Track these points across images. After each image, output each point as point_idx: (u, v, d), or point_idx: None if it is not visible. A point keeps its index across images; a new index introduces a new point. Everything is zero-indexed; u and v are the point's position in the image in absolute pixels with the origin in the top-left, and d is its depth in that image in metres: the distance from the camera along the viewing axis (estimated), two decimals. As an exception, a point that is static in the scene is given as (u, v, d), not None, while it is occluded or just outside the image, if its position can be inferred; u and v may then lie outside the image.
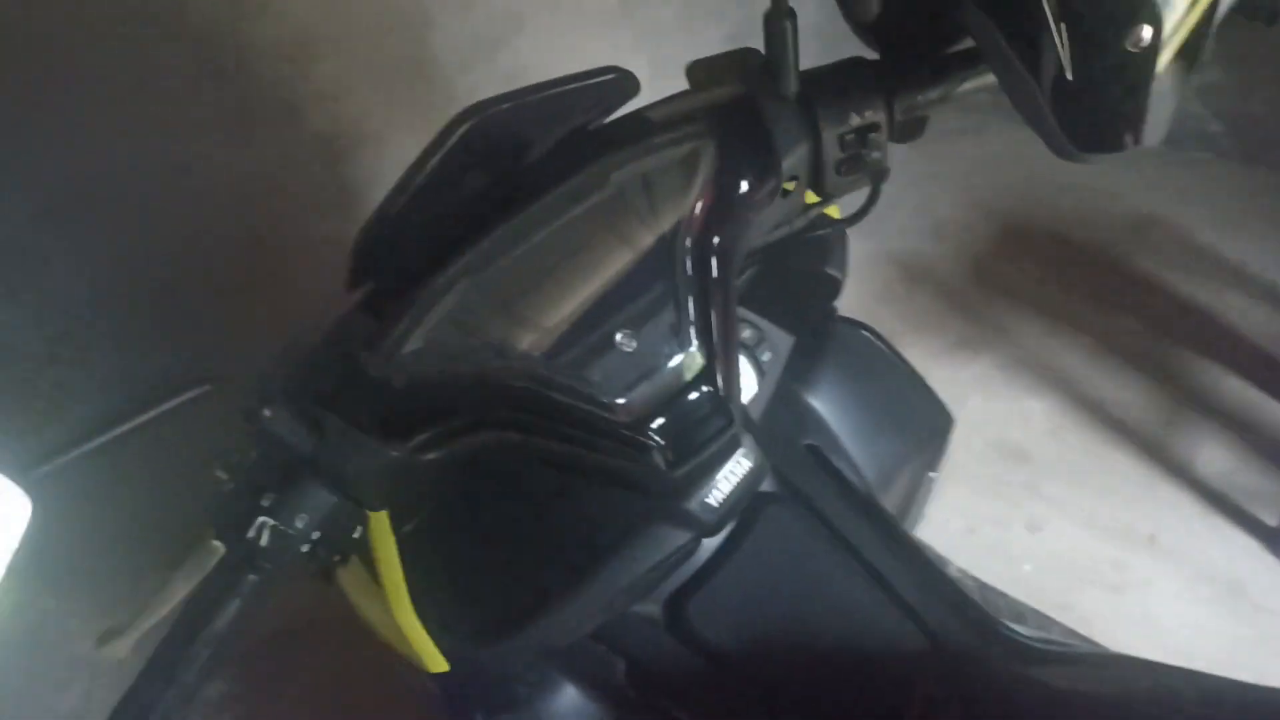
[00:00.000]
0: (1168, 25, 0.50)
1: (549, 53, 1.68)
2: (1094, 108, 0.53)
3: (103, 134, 1.15)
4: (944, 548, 1.72)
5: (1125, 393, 1.94)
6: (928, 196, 2.41)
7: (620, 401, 0.60)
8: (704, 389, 0.62)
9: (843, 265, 0.85)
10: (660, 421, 0.61)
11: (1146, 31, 0.49)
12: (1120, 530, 1.73)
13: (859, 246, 0.72)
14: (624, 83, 0.61)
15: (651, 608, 0.77)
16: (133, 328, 1.30)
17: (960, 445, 1.10)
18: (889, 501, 0.96)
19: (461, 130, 0.55)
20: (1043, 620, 1.27)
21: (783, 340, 0.81)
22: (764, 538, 0.78)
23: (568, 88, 0.59)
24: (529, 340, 0.59)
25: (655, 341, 0.61)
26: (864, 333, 0.97)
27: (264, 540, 0.54)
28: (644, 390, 0.61)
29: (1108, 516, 1.75)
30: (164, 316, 1.33)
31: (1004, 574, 1.68)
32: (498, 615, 0.71)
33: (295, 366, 0.60)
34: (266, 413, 0.53)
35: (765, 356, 0.80)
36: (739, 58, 0.66)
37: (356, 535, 0.60)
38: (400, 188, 0.57)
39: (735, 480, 0.67)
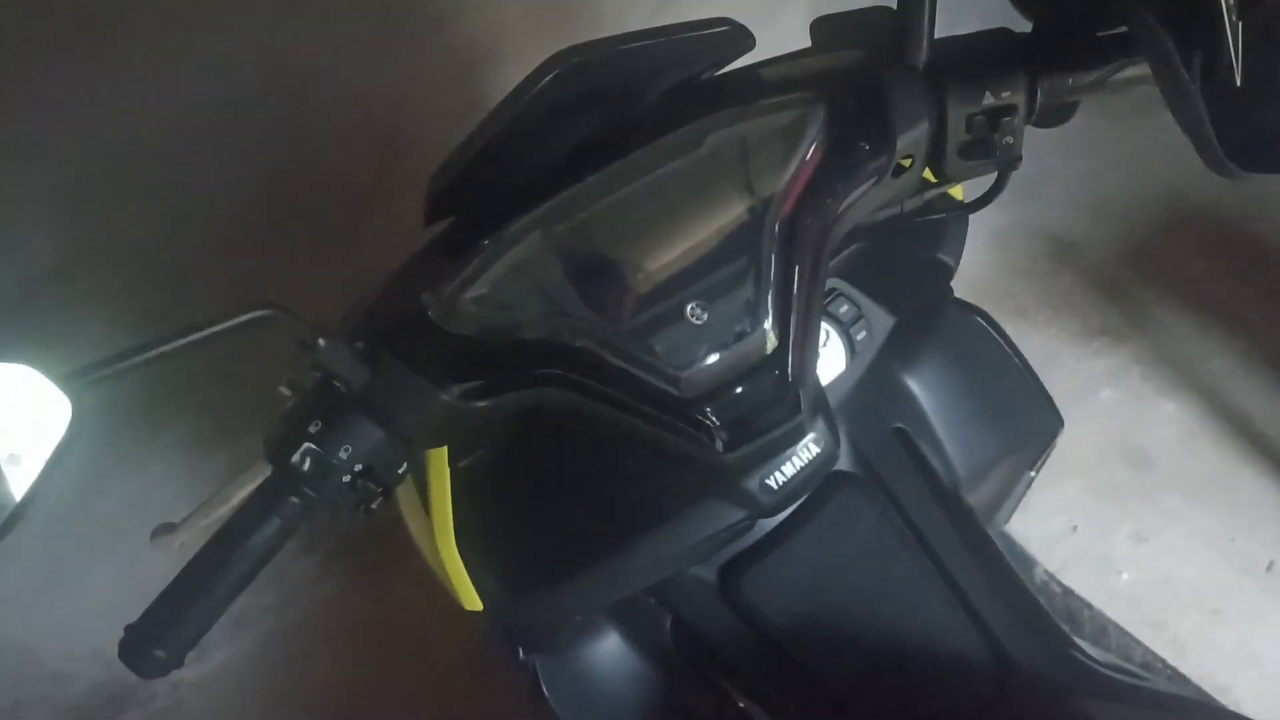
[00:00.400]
0: None
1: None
2: (1263, 120, 0.47)
3: (245, 40, 1.19)
4: (1040, 543, 1.65)
5: (1271, 408, 1.78)
6: (1093, 170, 2.23)
7: (683, 375, 0.58)
8: (774, 373, 0.60)
9: (958, 251, 0.81)
10: (722, 401, 0.59)
11: None
12: (1237, 554, 1.61)
13: (1002, 214, 0.66)
14: (735, 36, 0.58)
15: (707, 571, 0.76)
16: (268, 234, 1.37)
17: (1080, 438, 1.04)
18: (979, 497, 0.92)
19: (556, 71, 0.53)
20: (1126, 640, 1.21)
21: (882, 320, 0.77)
22: (834, 518, 0.76)
23: (675, 37, 0.56)
24: (597, 300, 0.57)
25: (729, 317, 0.58)
26: (978, 319, 0.91)
27: (306, 466, 0.55)
28: (709, 367, 0.59)
29: (1225, 538, 1.63)
30: (290, 225, 1.39)
31: (1099, 581, 1.61)
32: (539, 565, 0.71)
33: (365, 300, 0.61)
34: (321, 343, 0.53)
35: (860, 335, 0.76)
36: (869, 18, 0.61)
37: (401, 471, 0.60)
38: (487, 124, 0.55)
39: (800, 464, 0.65)
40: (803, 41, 0.65)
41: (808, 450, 0.65)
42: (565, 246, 0.57)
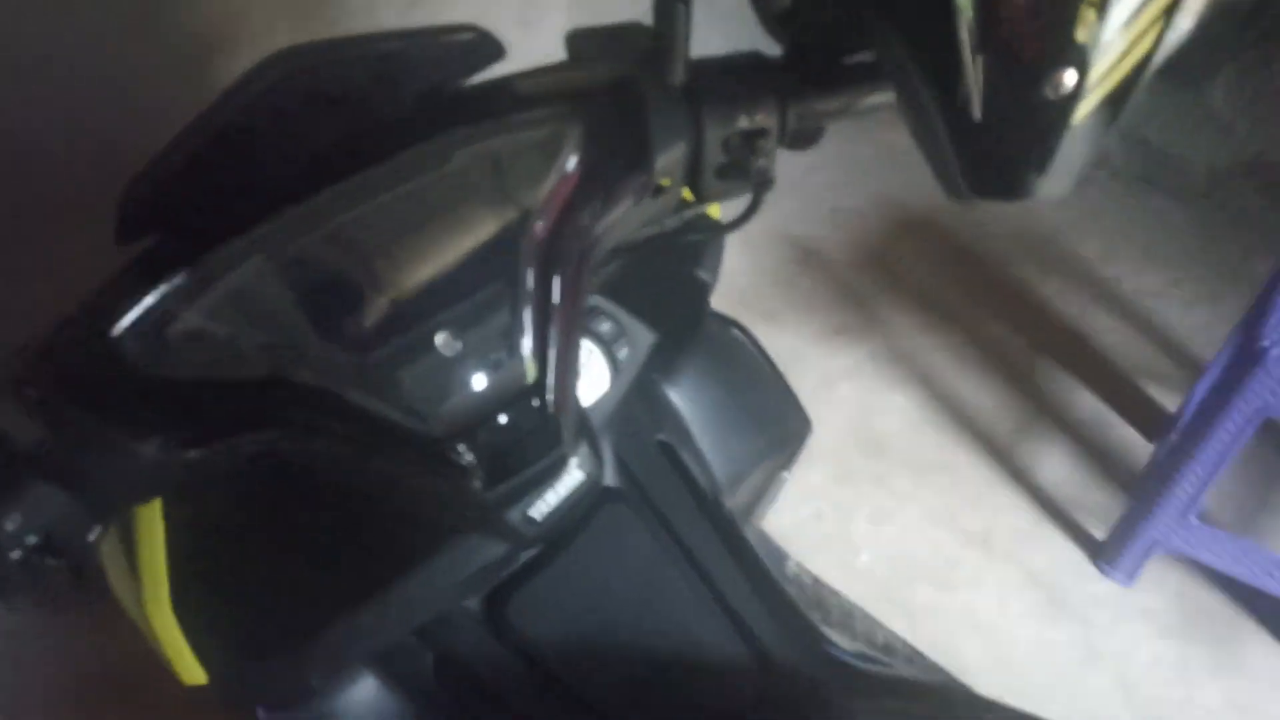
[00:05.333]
0: (1094, 73, 0.45)
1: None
2: (996, 151, 0.48)
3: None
4: (789, 531, 1.74)
5: (982, 395, 1.99)
6: (831, 182, 2.41)
7: (433, 411, 0.53)
8: (533, 402, 0.56)
9: (715, 268, 0.81)
10: (478, 436, 0.55)
11: (1070, 77, 0.45)
12: (958, 529, 1.78)
13: (753, 224, 0.67)
14: (483, 44, 0.54)
15: (470, 601, 0.72)
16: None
17: (822, 430, 1.09)
18: (738, 500, 0.94)
19: (272, 75, 0.48)
20: (870, 624, 1.29)
21: (643, 337, 0.76)
22: (599, 535, 0.74)
23: (415, 41, 0.52)
24: (332, 332, 0.50)
25: (483, 346, 0.54)
26: (734, 331, 0.93)
27: None
28: (463, 402, 0.54)
29: (947, 515, 1.80)
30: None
31: (841, 562, 1.73)
32: (277, 623, 0.63)
33: (39, 339, 0.51)
34: None
35: (623, 353, 0.74)
36: (626, 33, 0.59)
37: (91, 539, 0.50)
38: (193, 130, 0.48)
39: (565, 492, 0.62)
40: (558, 54, 0.64)
41: (571, 477, 0.62)
42: (294, 270, 0.49)
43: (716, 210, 0.76)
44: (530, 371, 0.56)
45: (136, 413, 0.49)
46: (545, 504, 0.63)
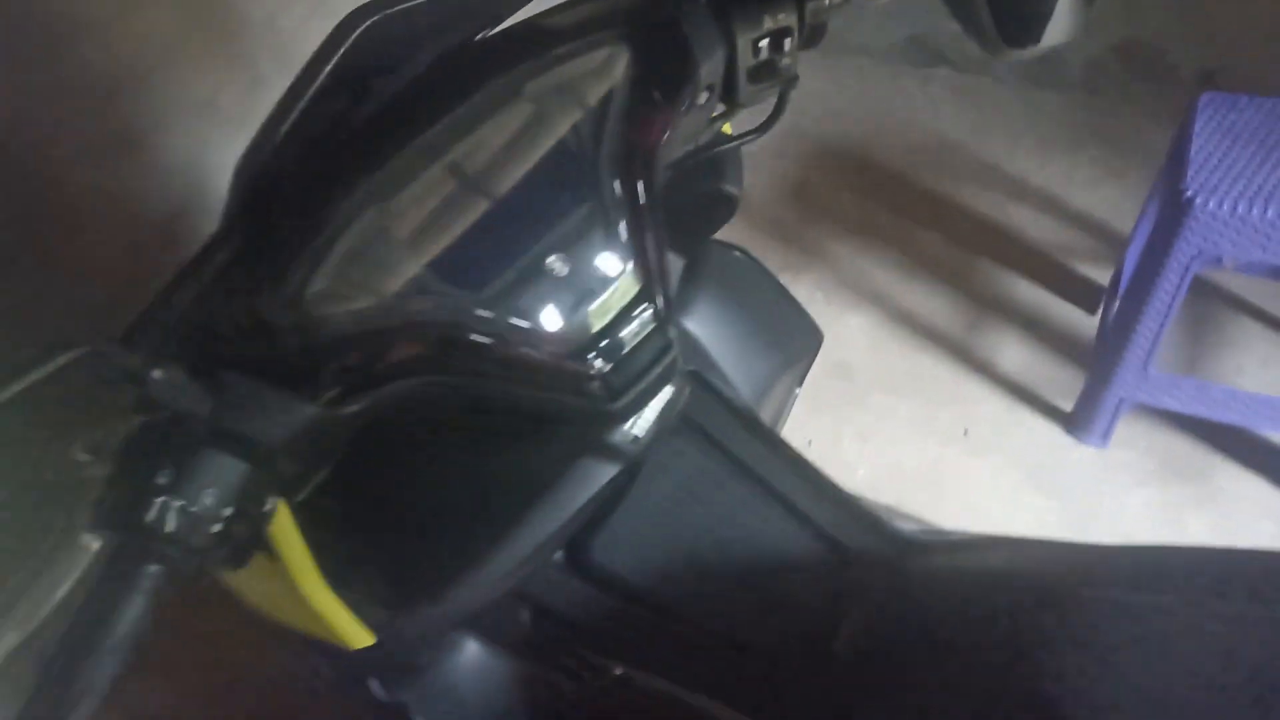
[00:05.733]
0: None
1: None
2: (1021, 8, 0.56)
3: None
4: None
5: (932, 302, 2.08)
6: (736, 127, 2.46)
7: (557, 331, 0.56)
8: (644, 311, 0.59)
9: (739, 180, 0.84)
10: (599, 349, 0.58)
11: None
12: (938, 431, 1.87)
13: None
14: None
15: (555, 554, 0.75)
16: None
17: None
18: (763, 417, 0.98)
19: (355, 35, 0.50)
20: (901, 517, 1.35)
21: (673, 264, 0.79)
22: (660, 465, 0.77)
23: None
24: (451, 273, 0.54)
25: (589, 263, 0.57)
26: (736, 254, 0.96)
27: (169, 524, 0.46)
28: (582, 316, 0.57)
29: (926, 419, 1.88)
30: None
31: (843, 482, 1.79)
32: (420, 579, 0.66)
33: (176, 320, 0.53)
34: (156, 374, 0.46)
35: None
36: None
37: (267, 509, 0.53)
38: (284, 107, 0.50)
39: (659, 408, 0.65)
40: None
41: (661, 394, 0.65)
42: (400, 223, 0.53)
43: (729, 127, 0.79)
44: (635, 281, 0.59)
45: (295, 374, 0.51)
46: (645, 420, 0.66)
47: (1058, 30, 0.58)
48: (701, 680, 0.81)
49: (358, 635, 0.65)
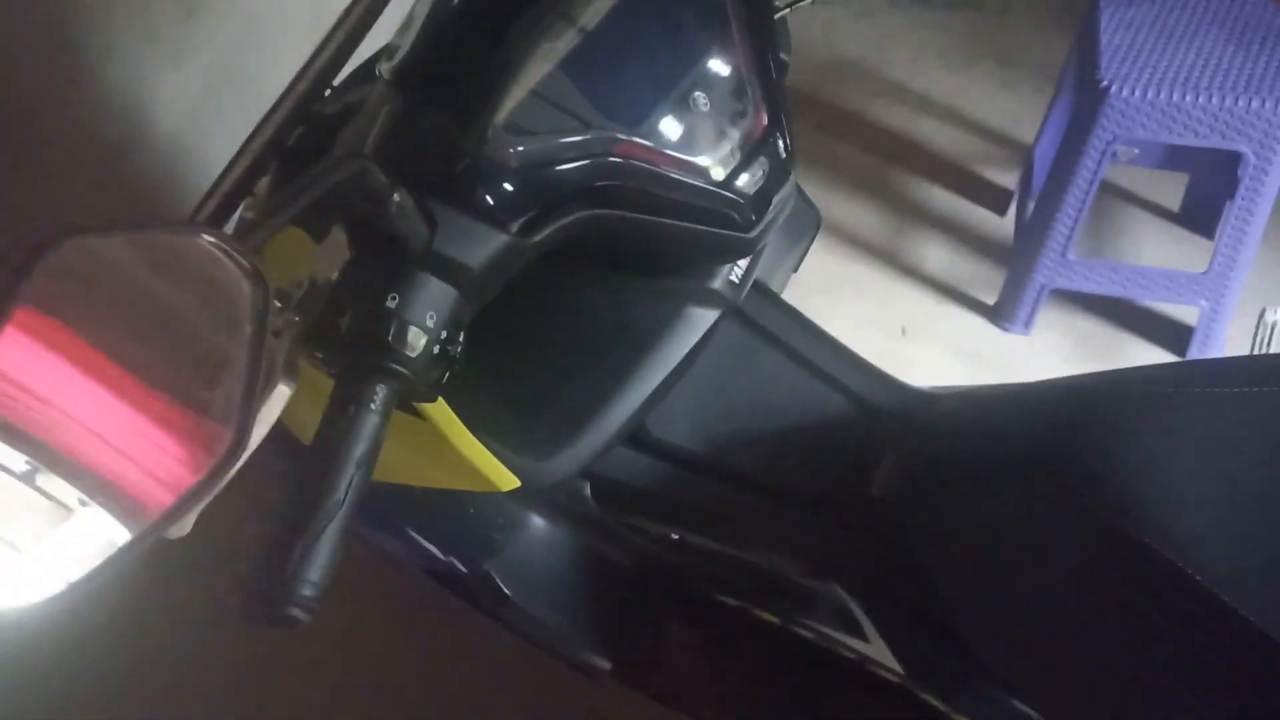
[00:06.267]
0: None
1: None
2: None
3: None
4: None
5: (857, 213, 2.18)
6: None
7: (704, 160, 0.61)
8: (773, 145, 0.65)
9: (789, 47, 0.88)
10: (740, 180, 0.63)
11: None
12: (878, 329, 1.97)
13: None
14: None
15: None
16: None
17: None
18: None
19: None
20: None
21: None
22: (703, 343, 0.81)
23: None
24: (612, 106, 0.59)
25: (726, 100, 0.62)
26: None
27: (408, 343, 0.50)
28: (725, 147, 0.62)
29: (867, 319, 1.99)
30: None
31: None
32: (553, 423, 0.71)
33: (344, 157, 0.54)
34: (396, 197, 0.49)
35: None
36: None
37: (463, 339, 0.56)
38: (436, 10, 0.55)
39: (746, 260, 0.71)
40: None
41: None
42: (568, 65, 0.57)
43: None
44: (765, 117, 0.64)
45: (493, 207, 0.55)
46: (738, 268, 0.73)
47: None
48: (750, 536, 0.87)
49: (504, 478, 0.69)
